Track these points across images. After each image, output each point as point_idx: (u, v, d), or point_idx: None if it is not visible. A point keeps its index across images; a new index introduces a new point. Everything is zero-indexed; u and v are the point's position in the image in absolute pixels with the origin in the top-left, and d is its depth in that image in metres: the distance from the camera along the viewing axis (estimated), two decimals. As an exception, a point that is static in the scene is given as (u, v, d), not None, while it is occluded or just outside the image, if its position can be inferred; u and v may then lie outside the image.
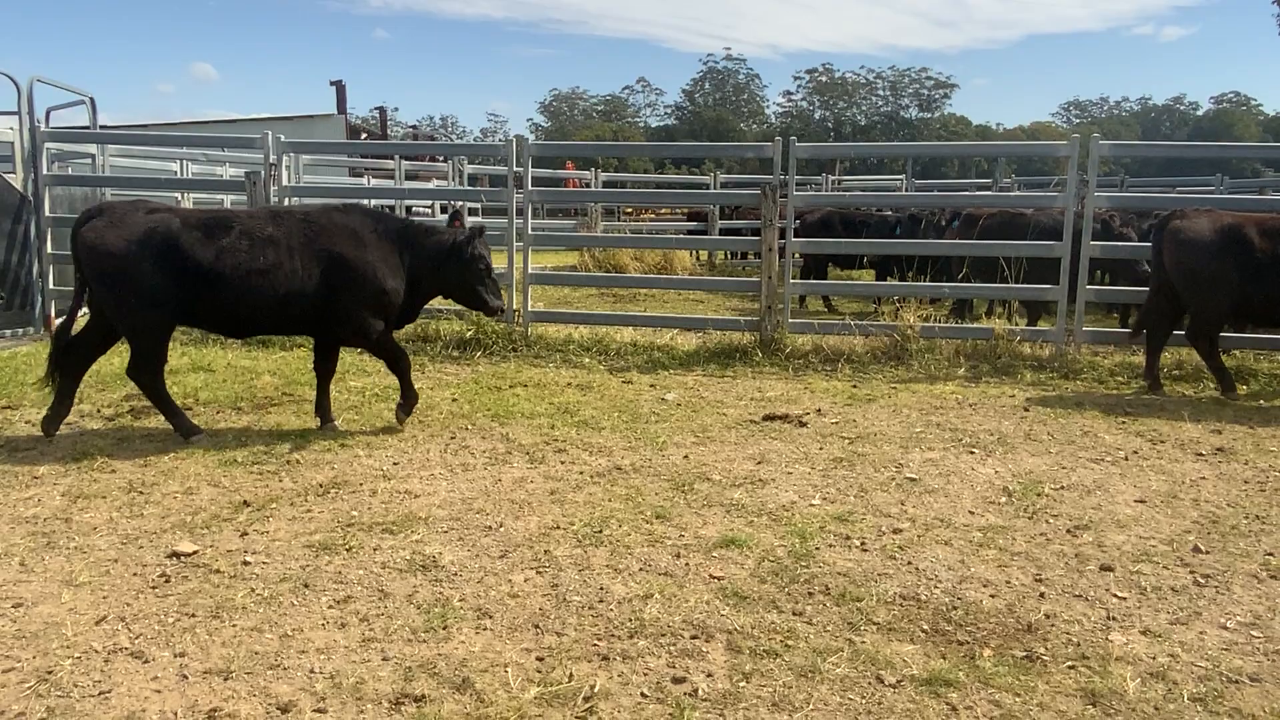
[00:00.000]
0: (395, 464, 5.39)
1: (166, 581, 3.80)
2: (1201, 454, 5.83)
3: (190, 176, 14.95)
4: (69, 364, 5.89)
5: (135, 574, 3.86)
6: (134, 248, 5.52)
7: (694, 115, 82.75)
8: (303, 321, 6.05)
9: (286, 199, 9.83)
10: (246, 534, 4.30)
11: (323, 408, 6.18)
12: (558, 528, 4.41)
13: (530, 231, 9.61)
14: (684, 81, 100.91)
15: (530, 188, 9.49)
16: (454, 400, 6.97)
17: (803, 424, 6.41)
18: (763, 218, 9.02)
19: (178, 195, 13.04)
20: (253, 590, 3.72)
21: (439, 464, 5.40)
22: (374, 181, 19.15)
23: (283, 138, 9.75)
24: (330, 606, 3.60)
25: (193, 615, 3.50)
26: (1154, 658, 3.29)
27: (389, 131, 41.14)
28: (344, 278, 5.88)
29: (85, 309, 5.98)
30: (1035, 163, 25.87)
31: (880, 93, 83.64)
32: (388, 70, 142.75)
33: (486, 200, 9.91)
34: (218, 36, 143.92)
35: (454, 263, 6.19)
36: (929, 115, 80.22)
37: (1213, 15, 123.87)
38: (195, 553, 4.07)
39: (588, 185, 21.79)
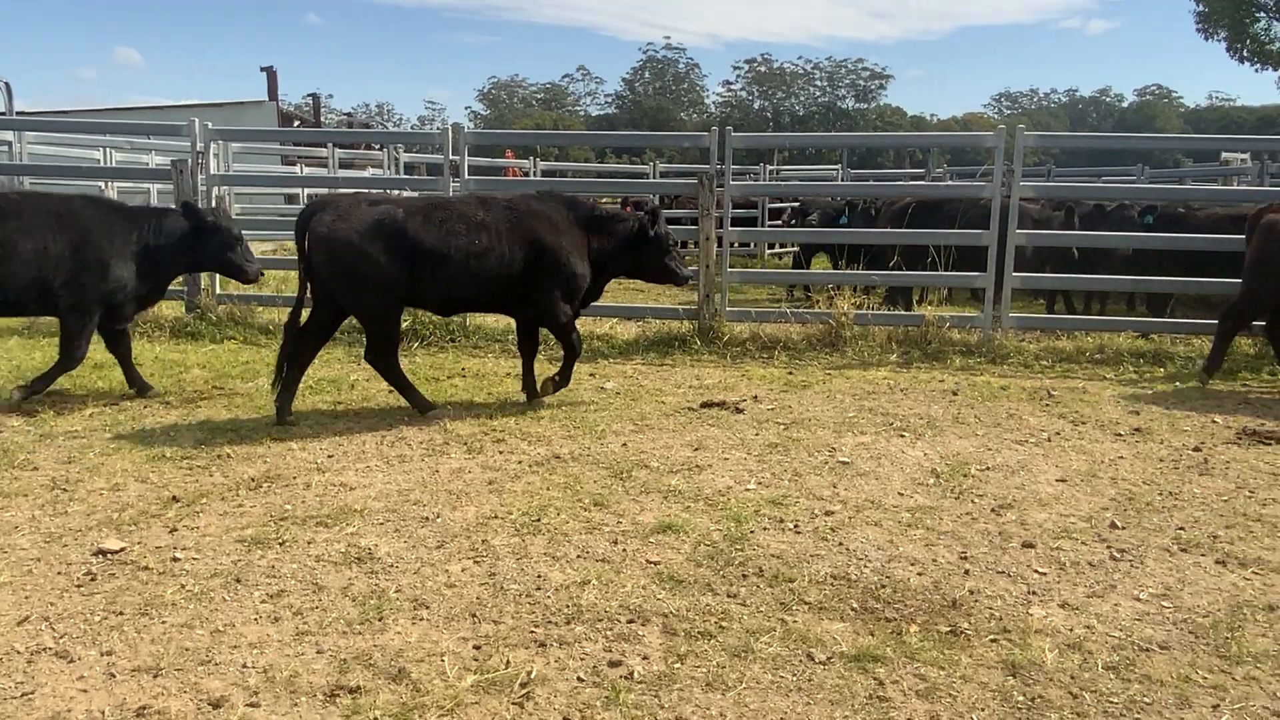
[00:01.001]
0: (330, 456, 5.33)
1: (92, 580, 3.71)
2: (1120, 434, 6.06)
3: (114, 165, 14.49)
4: (296, 354, 6.13)
5: (59, 573, 3.77)
6: (366, 238, 5.84)
7: (634, 104, 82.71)
8: (505, 301, 6.48)
9: (215, 188, 9.61)
10: (176, 530, 4.23)
11: (529, 384, 6.66)
12: (495, 517, 4.42)
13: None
14: (624, 70, 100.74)
15: (467, 176, 9.41)
16: (390, 391, 6.89)
17: (739, 411, 6.49)
18: (700, 207, 9.09)
19: (101, 184, 12.64)
20: (183, 586, 3.66)
21: (375, 455, 5.36)
22: (307, 170, 18.78)
23: (210, 125, 9.52)
24: (263, 601, 3.56)
25: (120, 613, 3.44)
26: (1071, 629, 3.43)
27: (323, 119, 40.32)
28: (541, 261, 6.27)
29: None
30: (967, 153, 26.49)
31: (818, 83, 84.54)
32: (321, 56, 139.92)
33: (422, 190, 9.82)
34: (142, 21, 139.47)
35: (645, 244, 6.67)
36: (865, 106, 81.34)
37: (1136, 10, 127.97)
38: (122, 550, 3.98)
39: (527, 174, 21.66)
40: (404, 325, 8.71)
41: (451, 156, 9.27)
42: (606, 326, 9.34)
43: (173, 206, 7.00)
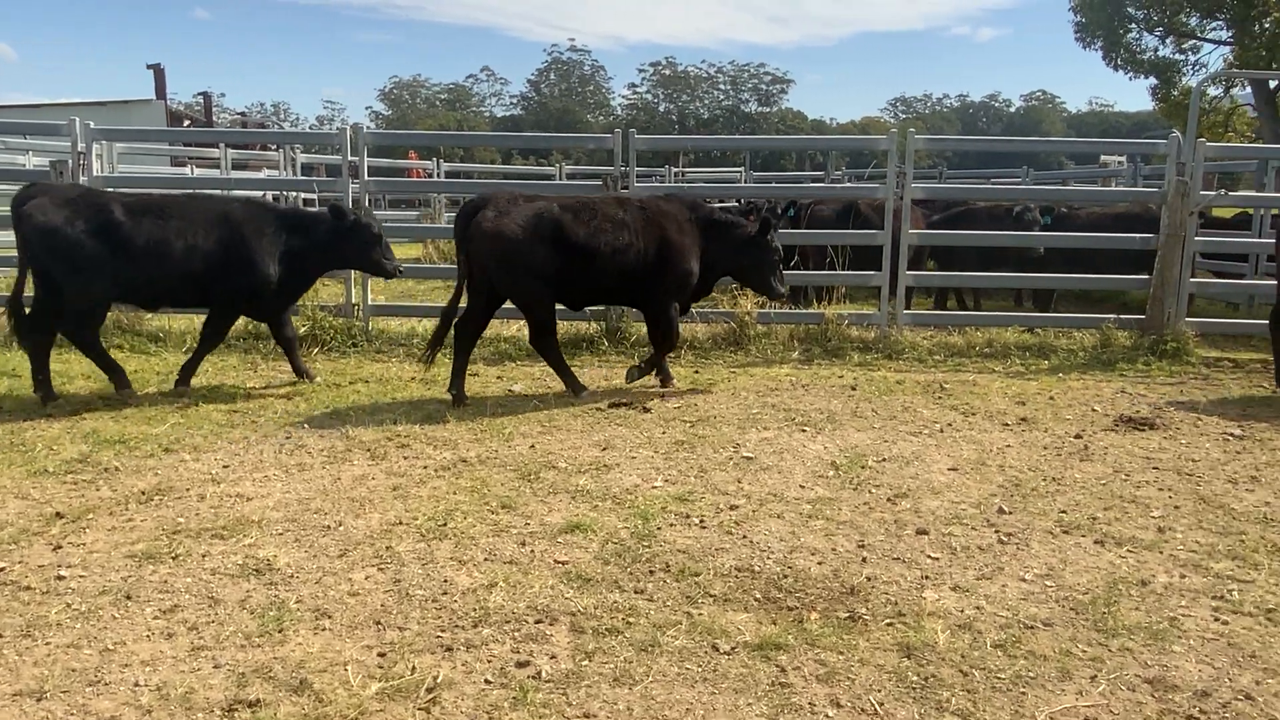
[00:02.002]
0: (225, 467, 5.17)
1: (-33, 603, 3.52)
2: (1008, 424, 6.35)
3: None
4: (461, 341, 6.74)
5: (-70, 597, 3.57)
6: (528, 232, 6.41)
7: (540, 106, 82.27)
8: (633, 293, 7.01)
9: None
10: (60, 547, 4.04)
11: (662, 370, 7.21)
12: (400, 523, 4.36)
13: (369, 223, 9.34)
14: (529, 72, 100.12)
15: (367, 178, 9.24)
16: (289, 398, 6.73)
17: (646, 410, 6.56)
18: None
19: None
20: (69, 606, 3.50)
21: (273, 465, 5.22)
22: (198, 171, 18.10)
23: (93, 124, 9.09)
24: (155, 617, 3.44)
25: (0, 635, 3.27)
26: (962, 611, 3.59)
27: (215, 118, 38.88)
28: (664, 257, 6.80)
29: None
30: (865, 155, 27.26)
31: (722, 87, 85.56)
32: (212, 53, 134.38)
33: (320, 190, 9.55)
34: (13, 14, 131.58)
35: (754, 251, 7.10)
36: (768, 110, 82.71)
37: (1022, 18, 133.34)
38: (2, 570, 3.79)
39: (430, 175, 21.35)
40: (302, 331, 8.53)
41: (350, 157, 9.08)
42: (514, 329, 9.28)
43: (323, 208, 7.34)
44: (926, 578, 3.87)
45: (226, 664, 3.12)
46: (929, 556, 4.09)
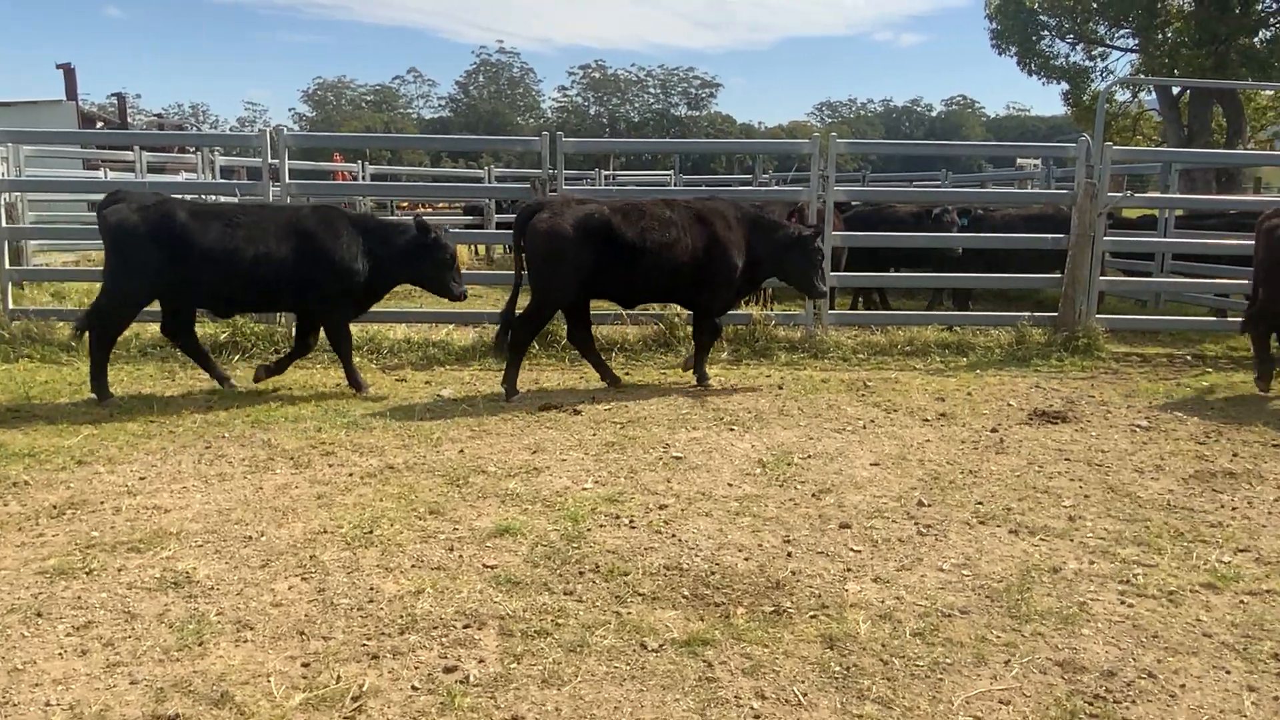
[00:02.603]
0: (142, 479, 5.02)
1: None
2: (928, 420, 6.53)
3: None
4: (516, 339, 7.04)
5: None
6: (579, 232, 6.76)
7: (470, 108, 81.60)
8: (681, 291, 7.33)
9: (4, 194, 8.84)
10: (-36, 566, 3.88)
11: (699, 369, 7.45)
12: (325, 532, 4.30)
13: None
14: (458, 73, 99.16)
15: (288, 181, 9.06)
16: (209, 407, 6.57)
17: (577, 412, 6.57)
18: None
19: None
20: (-27, 626, 3.37)
21: (192, 475, 5.09)
22: (112, 175, 17.49)
23: (-4, 126, 8.74)
24: (68, 634, 3.33)
25: (-103, 660, 3.13)
26: (883, 601, 3.69)
27: (130, 120, 37.62)
28: (711, 255, 7.11)
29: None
30: (793, 159, 27.62)
31: (652, 90, 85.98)
32: (126, 53, 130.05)
33: (241, 194, 9.33)
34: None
35: (797, 253, 7.31)
36: (697, 113, 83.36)
37: (942, 25, 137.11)
38: (-101, 592, 3.63)
39: (355, 178, 20.99)
40: (222, 337, 8.34)
41: (271, 160, 8.90)
42: (443, 333, 9.20)
43: (406, 220, 7.54)
44: (849, 570, 3.97)
45: (144, 679, 3.04)
46: (851, 550, 4.19)
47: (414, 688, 3.03)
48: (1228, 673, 3.20)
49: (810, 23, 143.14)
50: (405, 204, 22.53)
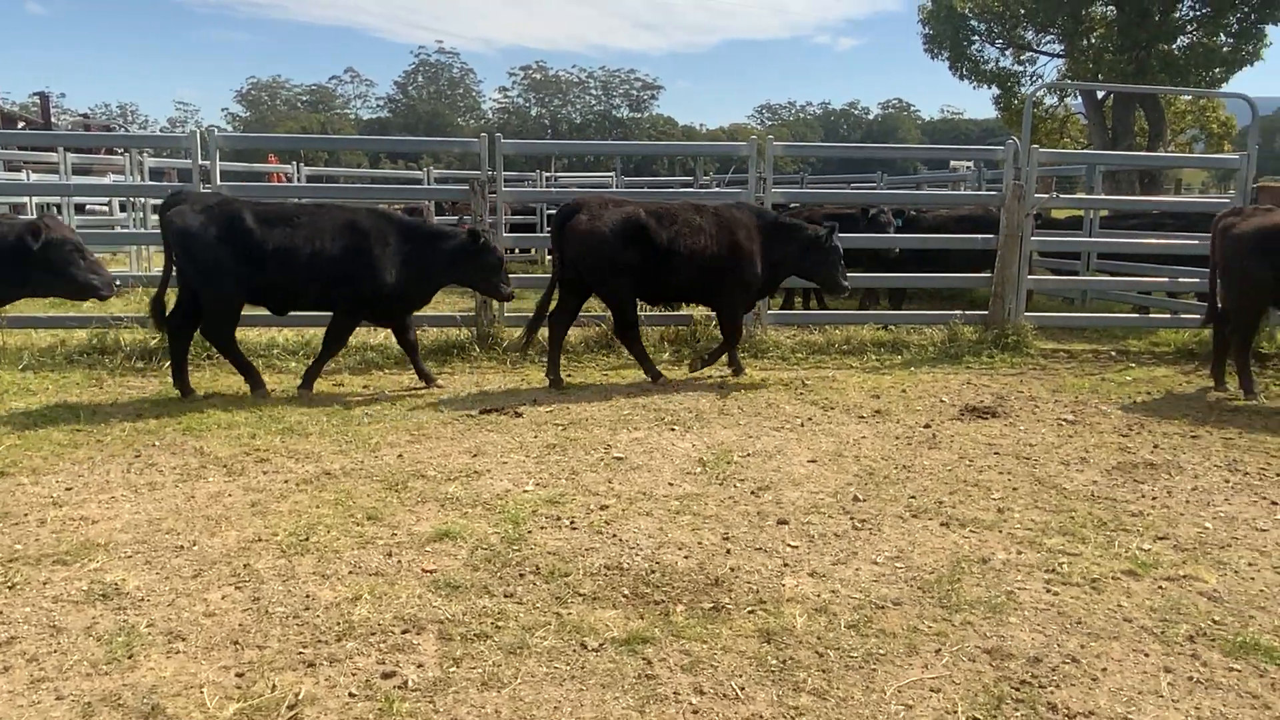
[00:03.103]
0: (68, 489, 4.88)
1: None
2: (863, 417, 6.66)
3: None
4: (555, 332, 7.58)
5: None
6: (616, 234, 7.14)
7: (409, 108, 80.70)
8: (708, 292, 7.69)
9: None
10: (-124, 583, 3.74)
11: (734, 363, 7.93)
12: (259, 540, 4.23)
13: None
14: (396, 73, 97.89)
15: (220, 182, 8.87)
16: (138, 415, 6.40)
17: (518, 415, 6.55)
18: (473, 213, 9.06)
19: None
20: (-114, 645, 3.25)
21: (121, 485, 4.96)
22: (35, 177, 16.93)
23: (-92, 126, 8.40)
24: (-11, 651, 3.23)
25: None
26: (819, 595, 3.76)
27: (54, 120, 36.38)
28: (734, 259, 7.50)
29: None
30: (733, 161, 27.85)
31: (593, 91, 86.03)
32: (48, 51, 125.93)
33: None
34: None
35: (818, 253, 7.64)
36: (639, 115, 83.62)
37: (877, 29, 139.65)
38: None
39: (291, 180, 20.62)
40: (152, 343, 8.13)
41: (202, 161, 8.71)
42: (381, 337, 9.09)
43: (456, 225, 7.78)
44: (786, 565, 4.04)
45: (70, 694, 2.97)
46: (789, 545, 4.26)
47: (351, 695, 3.01)
48: (1146, 655, 3.33)
49: (750, 25, 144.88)
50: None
